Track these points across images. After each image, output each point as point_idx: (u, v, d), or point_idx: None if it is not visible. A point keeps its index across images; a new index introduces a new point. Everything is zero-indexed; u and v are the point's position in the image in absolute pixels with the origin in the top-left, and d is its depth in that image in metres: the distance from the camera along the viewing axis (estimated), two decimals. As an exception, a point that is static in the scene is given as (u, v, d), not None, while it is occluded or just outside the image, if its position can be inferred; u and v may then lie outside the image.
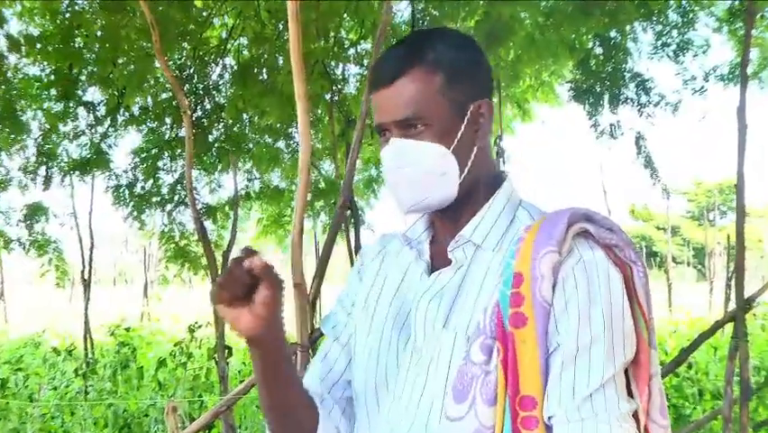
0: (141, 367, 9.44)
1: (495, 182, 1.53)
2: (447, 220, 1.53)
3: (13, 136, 8.27)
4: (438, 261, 1.53)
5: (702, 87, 7.52)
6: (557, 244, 1.30)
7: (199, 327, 9.21)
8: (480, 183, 1.50)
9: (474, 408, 1.32)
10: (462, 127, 1.45)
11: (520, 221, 1.48)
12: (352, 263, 8.51)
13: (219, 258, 7.68)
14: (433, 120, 1.43)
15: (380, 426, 1.49)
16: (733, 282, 6.50)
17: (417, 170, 1.44)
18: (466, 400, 1.33)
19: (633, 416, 1.33)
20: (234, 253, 8.54)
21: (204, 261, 8.03)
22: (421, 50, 1.45)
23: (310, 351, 3.77)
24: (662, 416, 1.42)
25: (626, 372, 1.35)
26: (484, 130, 1.49)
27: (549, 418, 1.29)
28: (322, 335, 3.74)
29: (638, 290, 1.38)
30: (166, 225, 9.53)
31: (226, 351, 6.85)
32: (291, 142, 9.40)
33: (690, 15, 7.36)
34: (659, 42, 7.54)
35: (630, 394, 1.35)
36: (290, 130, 9.17)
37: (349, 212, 8.76)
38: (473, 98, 1.47)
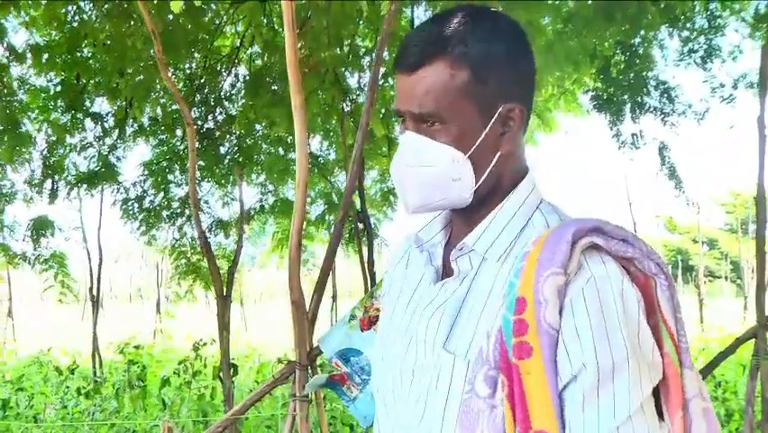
0: (145, 386, 9.25)
1: (513, 182, 1.38)
2: (462, 221, 1.42)
3: (16, 148, 8.08)
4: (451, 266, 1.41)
5: (731, 96, 7.27)
6: (561, 265, 1.18)
7: (204, 344, 9.05)
8: (501, 185, 1.38)
9: None
10: (486, 131, 1.32)
11: (534, 228, 1.34)
12: (365, 279, 8.30)
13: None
14: (451, 120, 1.31)
15: None
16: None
17: (428, 171, 1.33)
18: None
19: None
20: (240, 268, 8.37)
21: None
22: (451, 39, 1.30)
23: (309, 369, 3.58)
24: None
25: (656, 393, 1.22)
26: (512, 135, 1.35)
27: None
28: (320, 353, 3.57)
29: (663, 304, 1.26)
30: (177, 240, 9.39)
31: (231, 369, 6.67)
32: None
33: (719, 21, 7.11)
34: (685, 49, 7.30)
35: (662, 417, 1.22)
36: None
37: (361, 226, 8.61)
38: (504, 99, 1.33)
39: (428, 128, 1.32)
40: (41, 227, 9.13)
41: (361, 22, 8.04)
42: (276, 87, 8.10)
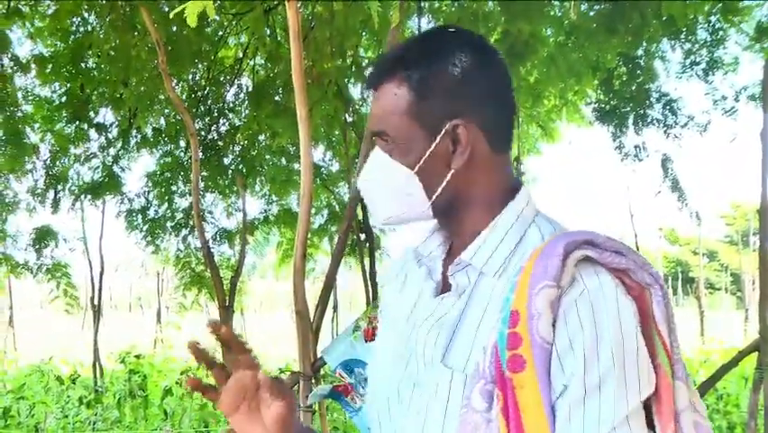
0: (147, 396, 9.24)
1: (504, 197, 1.39)
2: (457, 237, 1.44)
3: (19, 158, 8.09)
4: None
5: (733, 108, 7.28)
6: (554, 279, 1.18)
7: (206, 354, 9.01)
8: (473, 203, 1.39)
9: None
10: (431, 148, 1.35)
11: (530, 242, 1.35)
12: (366, 290, 8.30)
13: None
14: (399, 138, 1.36)
15: None
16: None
17: (382, 185, 1.41)
18: None
19: None
20: (243, 279, 8.36)
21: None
22: (399, 61, 1.37)
23: (313, 379, 3.59)
24: None
25: (648, 406, 1.21)
26: (462, 151, 1.35)
27: None
28: (324, 363, 3.58)
29: (657, 315, 1.25)
30: (181, 251, 9.40)
31: (234, 379, 6.65)
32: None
33: (720, 33, 7.13)
34: (688, 61, 7.31)
35: (652, 429, 1.22)
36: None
37: (363, 236, 8.62)
38: (450, 117, 1.34)
39: (386, 145, 1.38)
40: (43, 237, 9.14)
41: (364, 33, 8.07)
42: (279, 98, 8.13)
